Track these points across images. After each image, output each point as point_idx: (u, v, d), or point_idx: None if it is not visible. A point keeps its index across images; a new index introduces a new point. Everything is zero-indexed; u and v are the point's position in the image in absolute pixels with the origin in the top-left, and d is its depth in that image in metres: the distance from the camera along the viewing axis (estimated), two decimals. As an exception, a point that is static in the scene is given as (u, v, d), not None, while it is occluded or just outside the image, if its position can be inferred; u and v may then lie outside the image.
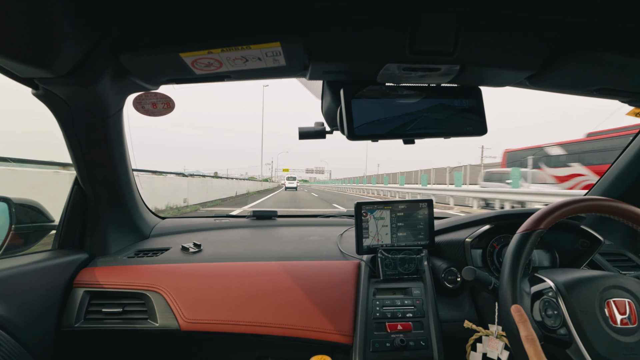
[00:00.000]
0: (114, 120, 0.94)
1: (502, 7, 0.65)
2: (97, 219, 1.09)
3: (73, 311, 0.95)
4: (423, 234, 1.11)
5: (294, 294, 0.98)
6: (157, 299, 0.97)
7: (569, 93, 0.91)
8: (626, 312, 0.65)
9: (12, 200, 0.98)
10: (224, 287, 0.99)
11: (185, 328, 0.93)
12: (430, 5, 0.64)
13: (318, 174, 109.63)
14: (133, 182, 1.16)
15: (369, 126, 0.75)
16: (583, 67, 0.76)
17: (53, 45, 0.62)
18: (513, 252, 0.70)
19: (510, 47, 0.71)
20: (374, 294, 0.97)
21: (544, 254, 1.05)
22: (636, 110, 1.00)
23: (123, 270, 1.03)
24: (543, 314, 0.69)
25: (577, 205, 0.71)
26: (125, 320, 0.96)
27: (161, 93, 0.88)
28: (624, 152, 1.16)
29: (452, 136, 0.79)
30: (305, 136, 0.92)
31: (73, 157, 0.98)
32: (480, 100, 0.80)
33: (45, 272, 0.92)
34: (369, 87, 0.77)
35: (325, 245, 1.23)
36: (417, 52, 0.69)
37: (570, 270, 0.77)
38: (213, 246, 1.22)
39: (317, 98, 0.92)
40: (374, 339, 0.89)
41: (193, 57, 0.68)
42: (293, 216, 1.69)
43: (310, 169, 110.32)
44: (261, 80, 0.83)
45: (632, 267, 1.09)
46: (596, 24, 0.68)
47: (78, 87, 0.77)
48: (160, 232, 1.36)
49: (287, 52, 0.68)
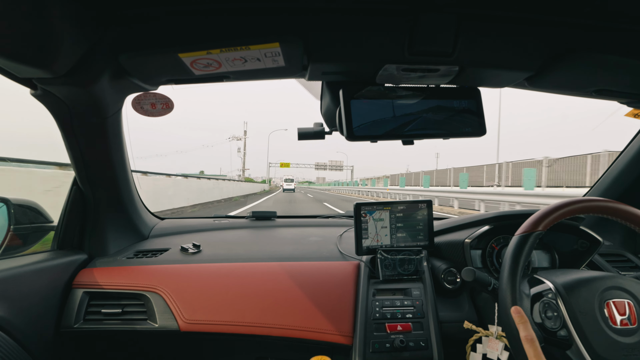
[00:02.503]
0: (113, 121, 0.94)
1: (501, 8, 0.65)
2: (96, 220, 1.09)
3: (72, 312, 0.95)
4: (422, 235, 1.11)
5: (293, 295, 0.98)
6: (156, 299, 0.97)
7: (568, 94, 0.91)
8: (626, 312, 0.65)
9: (10, 201, 0.98)
10: (223, 287, 0.99)
11: (185, 329, 0.93)
12: (430, 6, 0.64)
13: (334, 170, 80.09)
14: (132, 182, 1.16)
15: (368, 127, 0.75)
16: (582, 68, 0.76)
17: (52, 45, 0.61)
18: (512, 254, 0.70)
19: (510, 48, 0.71)
20: (374, 295, 0.97)
21: (543, 255, 1.05)
22: (635, 111, 1.00)
23: (122, 271, 1.03)
24: (543, 316, 0.69)
25: (576, 207, 0.71)
26: (125, 321, 0.96)
27: (160, 93, 0.88)
28: (622, 152, 1.16)
29: (451, 137, 0.79)
30: (305, 137, 0.93)
31: (72, 158, 0.98)
32: (480, 101, 0.80)
33: (44, 272, 0.92)
34: (368, 87, 0.77)
35: (324, 246, 1.23)
36: (416, 53, 0.69)
37: (570, 271, 0.77)
38: (212, 247, 1.22)
39: (316, 99, 0.92)
40: (374, 339, 0.89)
41: (192, 58, 0.68)
42: (292, 217, 1.68)
43: (322, 163, 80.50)
44: (260, 80, 0.83)
45: (632, 267, 1.09)
46: (595, 25, 0.68)
47: (77, 88, 0.77)
48: (160, 233, 1.36)
49: (286, 53, 0.68)
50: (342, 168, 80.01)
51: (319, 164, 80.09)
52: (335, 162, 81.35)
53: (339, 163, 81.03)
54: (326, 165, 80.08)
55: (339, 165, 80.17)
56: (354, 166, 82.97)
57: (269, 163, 63.77)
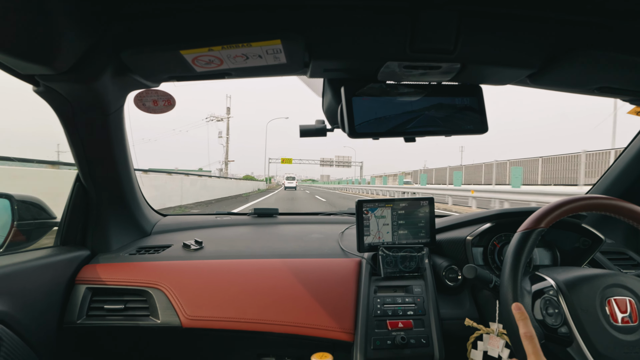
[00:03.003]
0: (115, 118, 0.94)
1: (503, 5, 0.65)
2: (98, 216, 1.10)
3: (75, 308, 0.96)
4: (424, 232, 1.11)
5: (295, 292, 0.98)
6: (158, 295, 0.97)
7: (570, 91, 0.90)
8: (627, 310, 0.65)
9: (14, 197, 0.99)
10: (225, 284, 1.00)
11: (187, 325, 0.94)
12: (431, 3, 0.63)
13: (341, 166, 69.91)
14: (134, 179, 1.17)
15: (369, 124, 0.75)
16: (584, 65, 0.75)
17: (54, 42, 0.62)
18: (514, 251, 0.70)
19: (511, 45, 0.71)
20: (375, 292, 0.98)
21: (545, 253, 1.04)
22: (637, 108, 1.00)
23: (125, 267, 1.03)
24: (544, 313, 0.69)
25: (578, 204, 0.71)
26: (127, 317, 0.96)
27: (162, 90, 0.88)
28: (625, 150, 1.16)
29: (453, 134, 0.79)
30: (306, 134, 0.93)
31: (74, 154, 0.98)
32: (481, 98, 0.80)
33: (47, 268, 0.93)
34: (369, 85, 0.77)
35: (326, 243, 1.23)
36: (418, 50, 0.68)
37: (571, 268, 0.77)
38: (214, 243, 1.22)
39: (317, 96, 0.92)
40: (375, 336, 0.89)
41: (194, 55, 0.68)
42: (294, 214, 1.69)
43: (328, 159, 70.06)
44: (262, 77, 0.83)
45: (633, 265, 1.09)
46: (598, 23, 0.68)
47: (79, 84, 0.77)
48: (162, 230, 1.37)
49: (287, 50, 0.68)
50: (350, 164, 69.75)
51: (324, 160, 70.08)
52: (343, 157, 70.64)
53: (347, 159, 70.50)
54: (332, 161, 69.87)
55: (346, 162, 69.77)
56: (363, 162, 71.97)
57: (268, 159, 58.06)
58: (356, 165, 71.12)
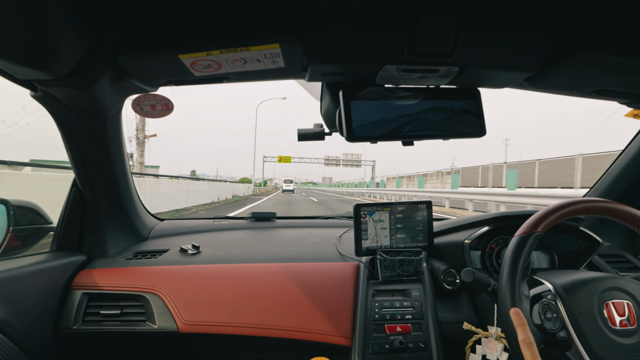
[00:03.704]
0: (113, 122, 0.94)
1: (501, 8, 0.65)
2: (95, 221, 1.09)
3: (71, 313, 0.95)
4: (422, 236, 1.11)
5: (292, 296, 0.97)
6: (155, 300, 0.96)
7: (568, 94, 0.91)
8: (625, 313, 0.65)
9: (10, 202, 0.98)
10: (222, 288, 0.99)
11: (184, 330, 0.93)
12: (430, 7, 0.64)
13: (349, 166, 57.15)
14: (131, 184, 1.16)
15: (368, 127, 0.75)
16: (582, 68, 0.76)
17: (51, 47, 0.61)
18: (511, 255, 0.70)
19: (510, 48, 0.71)
20: (373, 296, 0.97)
21: (543, 256, 1.05)
22: (635, 111, 1.00)
23: (121, 272, 1.03)
24: (542, 317, 0.69)
25: (576, 207, 0.71)
26: (124, 322, 0.96)
27: (160, 95, 0.88)
28: (622, 153, 1.16)
29: (451, 137, 0.79)
30: (304, 137, 0.93)
31: (71, 159, 0.98)
32: (479, 101, 0.80)
33: (43, 274, 0.92)
34: (368, 88, 0.77)
35: (324, 247, 1.23)
36: (416, 53, 0.69)
37: (569, 272, 0.77)
38: (211, 248, 1.22)
39: (316, 100, 0.92)
40: (373, 340, 0.88)
41: (192, 59, 0.68)
42: (292, 217, 1.68)
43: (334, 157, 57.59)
44: (260, 81, 0.83)
45: (631, 268, 1.09)
46: (595, 25, 0.68)
47: (76, 89, 0.77)
48: (159, 234, 1.36)
49: (286, 54, 0.68)
50: (360, 163, 57.68)
51: (329, 158, 58.18)
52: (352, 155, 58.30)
53: (356, 157, 58.19)
54: (339, 160, 57.87)
55: (356, 160, 57.55)
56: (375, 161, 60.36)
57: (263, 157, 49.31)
58: (367, 164, 60.04)
